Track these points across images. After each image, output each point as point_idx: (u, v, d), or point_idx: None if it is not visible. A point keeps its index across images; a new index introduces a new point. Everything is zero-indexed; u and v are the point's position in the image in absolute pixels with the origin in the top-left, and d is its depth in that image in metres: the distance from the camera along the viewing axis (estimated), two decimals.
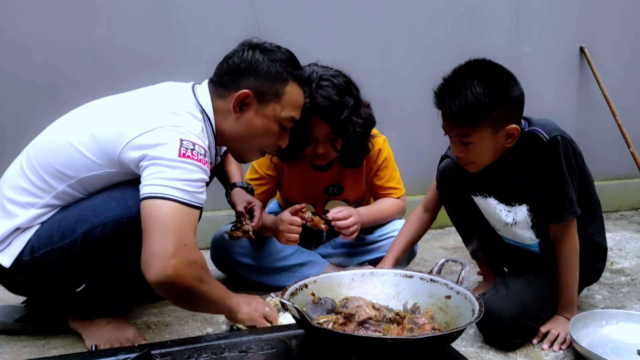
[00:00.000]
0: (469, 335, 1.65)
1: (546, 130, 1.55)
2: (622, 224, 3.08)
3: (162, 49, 2.54)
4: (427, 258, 2.45)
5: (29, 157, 1.49)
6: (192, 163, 1.32)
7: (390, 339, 1.10)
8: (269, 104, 1.50)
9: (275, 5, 2.69)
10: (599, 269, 1.80)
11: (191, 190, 1.31)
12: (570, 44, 3.24)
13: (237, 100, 1.48)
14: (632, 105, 3.33)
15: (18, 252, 1.43)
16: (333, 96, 1.80)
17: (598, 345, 1.50)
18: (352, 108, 1.84)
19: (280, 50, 1.53)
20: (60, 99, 2.38)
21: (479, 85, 1.47)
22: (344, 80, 1.86)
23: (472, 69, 1.53)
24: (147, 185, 1.30)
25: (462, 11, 3.00)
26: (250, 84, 1.48)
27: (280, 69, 1.49)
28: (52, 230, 1.43)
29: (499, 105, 1.48)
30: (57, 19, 2.40)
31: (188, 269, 1.27)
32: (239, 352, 1.21)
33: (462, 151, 1.56)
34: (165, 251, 1.24)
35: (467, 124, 1.50)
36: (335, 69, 1.89)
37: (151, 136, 1.33)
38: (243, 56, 1.50)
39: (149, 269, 1.25)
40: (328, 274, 1.43)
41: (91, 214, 1.41)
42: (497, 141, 1.54)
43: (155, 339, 1.60)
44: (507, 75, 1.53)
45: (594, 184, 1.73)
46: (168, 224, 1.26)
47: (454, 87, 1.50)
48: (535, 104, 3.20)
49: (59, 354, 1.48)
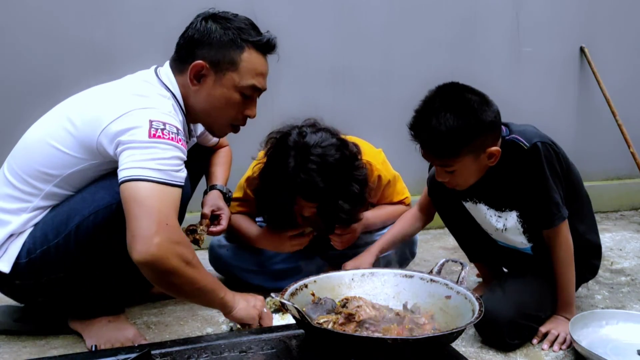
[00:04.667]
0: (469, 335, 1.65)
1: (526, 137, 1.54)
2: (622, 224, 3.08)
3: (163, 49, 2.53)
4: (427, 258, 2.44)
5: (10, 164, 1.49)
6: (163, 142, 1.31)
7: (390, 339, 1.10)
8: (226, 73, 1.47)
9: (276, 6, 2.69)
10: (595, 265, 1.80)
11: (166, 169, 1.29)
12: (570, 44, 3.23)
13: (192, 72, 1.46)
14: (632, 105, 3.32)
15: (15, 256, 1.43)
16: (318, 183, 1.67)
17: (598, 346, 1.50)
18: (340, 192, 1.72)
19: (237, 18, 1.50)
20: (60, 100, 2.39)
21: (451, 118, 1.44)
22: (334, 158, 1.70)
23: (442, 100, 1.50)
24: (122, 170, 1.29)
25: (462, 11, 3.00)
26: (204, 54, 1.46)
27: (233, 37, 1.46)
28: (46, 229, 1.43)
29: (475, 135, 1.47)
30: (57, 19, 2.39)
31: (172, 248, 1.25)
32: (239, 352, 1.21)
33: (446, 177, 1.58)
34: (148, 231, 1.23)
35: (446, 156, 1.51)
36: (331, 133, 1.76)
37: (122, 121, 1.32)
38: (196, 27, 1.48)
39: (134, 248, 1.24)
40: (328, 274, 1.43)
41: (81, 206, 1.41)
42: (480, 164, 1.54)
43: (155, 339, 1.60)
44: (479, 99, 1.50)
45: (582, 181, 1.73)
46: (147, 203, 1.25)
47: (427, 122, 1.48)
48: (536, 104, 3.23)
49: (59, 354, 1.48)
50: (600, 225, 2.99)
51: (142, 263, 1.24)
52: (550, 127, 3.12)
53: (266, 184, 1.80)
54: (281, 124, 1.82)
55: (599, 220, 3.11)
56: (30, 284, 1.48)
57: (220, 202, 1.83)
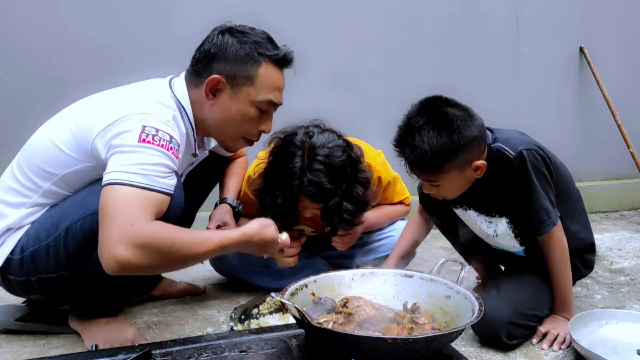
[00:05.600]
0: (469, 335, 1.65)
1: (511, 146, 1.54)
2: (622, 224, 3.08)
3: (163, 49, 2.54)
4: (427, 258, 2.45)
5: (19, 159, 1.51)
6: (151, 148, 1.29)
7: (390, 339, 1.10)
8: (242, 87, 1.46)
9: (276, 5, 2.69)
10: (590, 260, 1.80)
11: (147, 174, 1.26)
12: (570, 44, 3.24)
13: (208, 86, 1.46)
14: (632, 105, 3.32)
15: (9, 251, 1.44)
16: (324, 184, 1.68)
17: (598, 345, 1.50)
18: (344, 193, 1.73)
19: (253, 31, 1.49)
20: (61, 99, 2.39)
21: (434, 137, 1.44)
22: (341, 159, 1.71)
23: (425, 116, 1.48)
24: (106, 173, 1.28)
25: (462, 12, 3.00)
26: (221, 68, 1.45)
27: (250, 51, 1.45)
28: (39, 228, 1.44)
29: (459, 151, 1.46)
30: (57, 20, 2.40)
31: (136, 250, 1.20)
32: (239, 352, 1.21)
33: (432, 190, 1.58)
34: (110, 238, 1.19)
35: (431, 171, 1.51)
36: (336, 134, 1.77)
37: (117, 126, 1.32)
38: (213, 41, 1.47)
39: (101, 260, 1.22)
40: (328, 274, 1.42)
41: (72, 210, 1.41)
42: (465, 177, 1.55)
43: (155, 339, 1.59)
44: (462, 114, 1.48)
45: (572, 179, 1.73)
46: (113, 207, 1.22)
47: (410, 139, 1.48)
48: (535, 104, 3.23)
49: (59, 354, 1.48)
50: (600, 225, 3.01)
51: (113, 273, 1.22)
52: (550, 127, 3.16)
53: (270, 183, 1.78)
54: (283, 124, 1.81)
55: (598, 220, 3.15)
56: (22, 280, 1.48)
57: (227, 217, 1.80)
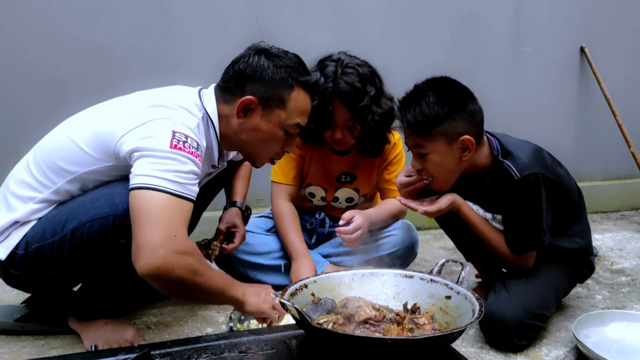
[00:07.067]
0: (469, 336, 1.64)
1: (518, 167, 1.57)
2: (623, 224, 3.08)
3: (163, 49, 2.54)
4: (427, 258, 2.45)
5: (35, 153, 1.51)
6: (183, 155, 1.32)
7: (390, 339, 1.10)
8: (274, 110, 1.49)
9: (275, 5, 2.69)
10: (590, 261, 1.81)
11: (182, 181, 1.30)
12: (570, 44, 3.24)
13: (241, 106, 1.47)
14: (632, 105, 3.32)
15: (14, 245, 1.44)
16: (356, 83, 1.84)
17: (602, 346, 1.49)
18: (373, 97, 1.88)
19: (287, 55, 1.52)
20: (63, 98, 2.39)
21: (433, 97, 1.55)
22: (369, 70, 1.91)
23: (431, 83, 1.61)
24: (137, 176, 1.29)
25: (462, 11, 3.00)
26: (254, 89, 1.47)
27: (285, 75, 1.48)
28: (45, 226, 1.44)
29: (452, 115, 1.54)
30: (57, 20, 2.40)
31: (177, 259, 1.24)
32: (239, 352, 1.21)
33: (420, 163, 1.62)
34: (153, 242, 1.22)
35: (420, 132, 1.57)
36: (362, 59, 1.94)
37: (144, 129, 1.33)
38: (248, 61, 1.49)
39: (137, 261, 1.23)
40: (328, 274, 1.43)
41: (81, 211, 1.41)
42: (452, 154, 1.58)
43: (155, 339, 1.60)
44: (465, 92, 1.60)
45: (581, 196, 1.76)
46: (157, 214, 1.25)
47: (411, 99, 1.59)
48: (536, 103, 3.23)
49: (58, 354, 1.48)
50: (601, 225, 3.01)
51: (145, 275, 1.24)
52: (551, 127, 3.16)
53: None
54: None
55: (599, 220, 3.15)
56: (23, 275, 1.48)
57: (237, 220, 1.85)
